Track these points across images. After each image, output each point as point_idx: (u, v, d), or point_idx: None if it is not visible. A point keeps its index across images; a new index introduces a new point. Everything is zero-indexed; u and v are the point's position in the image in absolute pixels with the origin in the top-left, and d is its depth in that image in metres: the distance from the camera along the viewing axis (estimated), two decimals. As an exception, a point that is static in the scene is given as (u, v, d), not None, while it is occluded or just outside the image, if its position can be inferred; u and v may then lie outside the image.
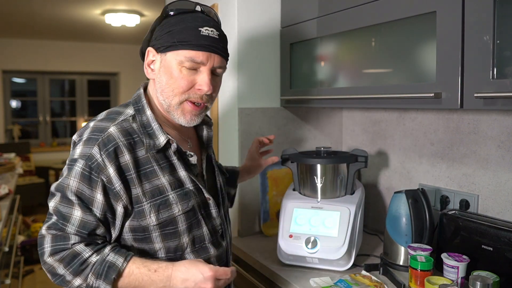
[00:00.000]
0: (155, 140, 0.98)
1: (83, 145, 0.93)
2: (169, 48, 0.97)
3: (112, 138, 0.93)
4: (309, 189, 1.46)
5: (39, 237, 0.93)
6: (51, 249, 0.91)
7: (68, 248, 0.90)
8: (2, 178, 3.22)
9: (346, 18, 1.38)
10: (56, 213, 0.92)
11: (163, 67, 0.99)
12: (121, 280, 0.90)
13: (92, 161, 0.91)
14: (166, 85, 0.98)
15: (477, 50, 0.99)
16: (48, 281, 3.59)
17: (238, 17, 1.67)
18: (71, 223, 0.91)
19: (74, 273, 0.90)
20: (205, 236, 1.05)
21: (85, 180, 0.91)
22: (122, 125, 0.97)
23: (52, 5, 4.29)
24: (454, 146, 1.46)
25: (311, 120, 1.87)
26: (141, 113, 1.01)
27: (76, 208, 0.91)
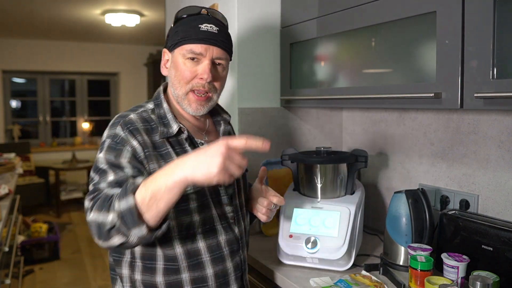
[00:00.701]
0: (168, 128, 1.09)
1: (108, 129, 1.06)
2: (175, 45, 1.10)
3: (132, 121, 1.06)
4: (309, 189, 1.46)
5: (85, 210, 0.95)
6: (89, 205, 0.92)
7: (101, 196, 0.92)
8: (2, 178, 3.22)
9: (346, 18, 1.38)
10: (94, 184, 0.98)
11: (172, 63, 1.13)
12: (138, 192, 0.87)
13: (116, 138, 1.02)
14: (174, 78, 1.11)
15: (477, 50, 0.99)
16: (48, 281, 3.60)
17: (238, 17, 1.67)
18: (105, 182, 0.96)
19: (107, 209, 0.87)
20: (214, 218, 1.11)
21: (112, 150, 1.00)
22: (141, 114, 1.10)
23: (52, 5, 4.29)
24: (454, 146, 1.46)
25: (311, 120, 1.87)
26: (159, 107, 1.13)
27: (109, 174, 0.97)
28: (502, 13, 0.95)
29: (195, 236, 1.07)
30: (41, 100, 6.58)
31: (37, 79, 6.53)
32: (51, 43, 6.34)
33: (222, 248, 1.11)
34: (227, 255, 1.12)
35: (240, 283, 1.16)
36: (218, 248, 1.10)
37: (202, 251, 1.08)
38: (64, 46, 6.43)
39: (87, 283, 3.58)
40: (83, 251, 4.33)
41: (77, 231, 5.02)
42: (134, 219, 0.85)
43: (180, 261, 1.05)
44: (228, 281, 1.12)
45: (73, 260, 4.08)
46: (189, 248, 1.07)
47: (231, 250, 1.13)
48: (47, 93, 6.60)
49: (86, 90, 6.89)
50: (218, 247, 1.10)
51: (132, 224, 0.85)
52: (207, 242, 1.09)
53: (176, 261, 1.05)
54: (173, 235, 1.05)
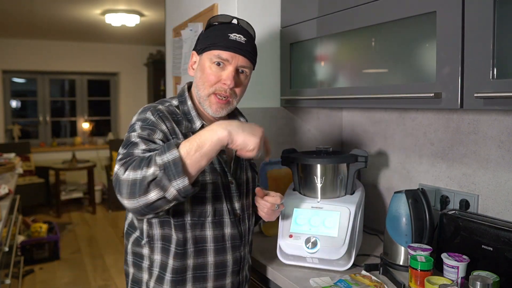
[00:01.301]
0: (192, 124, 1.17)
1: (138, 115, 1.12)
2: (205, 49, 1.17)
3: (160, 110, 1.13)
4: (309, 189, 1.46)
5: (114, 178, 0.97)
6: (123, 167, 0.94)
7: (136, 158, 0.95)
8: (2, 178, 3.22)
9: (346, 18, 1.38)
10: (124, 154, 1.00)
11: (199, 65, 1.19)
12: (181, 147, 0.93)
13: (147, 121, 1.08)
14: (199, 79, 1.18)
15: (477, 50, 0.99)
16: (48, 281, 3.60)
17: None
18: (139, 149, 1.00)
19: (146, 165, 0.91)
20: (223, 211, 1.17)
21: (144, 129, 1.05)
22: (168, 107, 1.17)
23: (52, 5, 4.29)
24: (454, 146, 1.46)
25: (311, 120, 1.87)
26: (183, 104, 1.20)
27: (141, 145, 1.01)
28: (502, 13, 0.95)
29: (205, 224, 1.14)
30: (41, 100, 6.58)
31: (37, 79, 6.52)
32: (51, 43, 6.34)
33: (225, 240, 1.18)
34: (229, 248, 1.19)
35: (236, 278, 1.22)
36: (222, 239, 1.17)
37: (208, 239, 1.15)
38: (64, 46, 6.43)
39: (87, 283, 3.58)
40: (83, 251, 4.33)
41: (77, 231, 5.02)
42: (178, 170, 0.89)
43: (189, 246, 1.12)
44: (225, 272, 1.19)
45: (73, 260, 4.08)
46: (197, 234, 1.13)
47: (233, 245, 1.20)
48: (47, 93, 6.60)
49: (86, 90, 6.89)
50: (222, 238, 1.17)
51: (176, 175, 0.89)
52: (214, 232, 1.16)
53: (186, 245, 1.12)
54: (186, 220, 1.12)
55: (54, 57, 6.37)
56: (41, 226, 4.06)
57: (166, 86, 2.59)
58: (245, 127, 0.99)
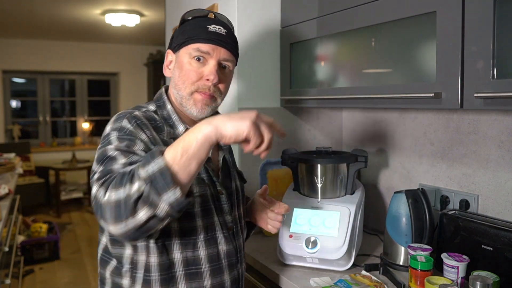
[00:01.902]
0: (174, 130, 1.06)
1: (112, 123, 0.99)
2: (181, 45, 1.07)
3: (138, 117, 1.01)
4: (309, 189, 1.46)
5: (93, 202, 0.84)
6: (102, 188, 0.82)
7: (115, 175, 0.83)
8: (2, 178, 3.22)
9: (346, 18, 1.38)
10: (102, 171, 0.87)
11: (177, 63, 1.08)
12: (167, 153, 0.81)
13: (124, 130, 0.96)
14: (178, 78, 1.07)
15: (477, 50, 0.99)
16: (48, 281, 3.60)
17: (238, 17, 1.67)
18: (118, 164, 0.87)
19: (130, 182, 0.78)
20: (216, 226, 1.06)
21: (122, 140, 0.93)
22: (145, 113, 1.06)
23: (52, 5, 4.29)
24: (454, 146, 1.46)
25: (311, 120, 1.87)
26: (162, 108, 1.10)
27: (120, 158, 0.88)
28: (502, 13, 0.95)
29: (196, 244, 1.02)
30: (41, 100, 6.58)
31: (37, 79, 6.53)
32: (51, 43, 6.35)
33: (221, 259, 1.07)
34: (225, 267, 1.07)
35: None
36: (217, 258, 1.06)
37: (202, 260, 1.03)
38: (64, 46, 6.43)
39: (87, 283, 3.58)
40: (83, 251, 4.33)
41: (77, 231, 5.02)
42: (167, 180, 0.76)
43: (177, 269, 1.00)
44: None
45: (73, 260, 4.08)
46: (189, 255, 1.01)
47: (229, 263, 1.09)
48: (47, 93, 6.60)
49: (86, 90, 6.89)
50: (217, 257, 1.06)
51: (165, 187, 0.76)
52: (208, 251, 1.04)
53: (173, 269, 1.00)
54: (173, 241, 1.00)
55: (54, 57, 6.37)
56: (41, 226, 4.06)
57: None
58: (232, 115, 0.84)
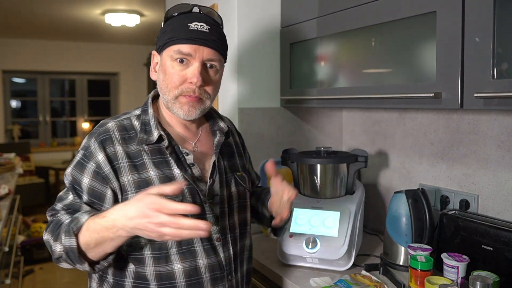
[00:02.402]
0: (149, 136, 1.02)
1: (86, 138, 1.04)
2: (163, 46, 1.02)
3: (107, 131, 1.02)
4: (309, 189, 1.46)
5: None
6: (48, 224, 0.98)
7: (53, 220, 0.97)
8: (2, 178, 3.22)
9: (346, 18, 1.38)
10: (58, 199, 1.01)
11: (161, 66, 1.04)
12: (81, 235, 0.89)
13: (87, 151, 1.01)
14: (162, 82, 1.03)
15: (477, 50, 0.99)
16: (48, 281, 3.60)
17: (238, 17, 1.67)
18: (63, 203, 0.99)
19: (55, 238, 0.93)
20: (193, 239, 0.99)
21: (78, 166, 1.00)
22: (122, 122, 1.05)
23: (52, 5, 4.29)
24: (454, 146, 1.46)
25: (311, 120, 1.87)
26: (145, 113, 1.07)
27: (69, 192, 0.99)
28: (502, 13, 0.95)
29: (169, 258, 0.97)
30: (41, 100, 6.58)
31: (37, 79, 6.53)
32: (51, 43, 6.35)
33: (201, 273, 1.00)
34: (207, 281, 1.00)
35: None
36: (196, 273, 0.99)
37: (176, 275, 0.97)
38: (64, 46, 6.43)
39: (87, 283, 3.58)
40: (83, 251, 4.33)
41: (77, 231, 5.01)
42: (76, 257, 0.90)
43: (151, 282, 0.97)
44: None
45: (73, 260, 4.08)
46: (162, 270, 0.97)
47: (212, 277, 1.01)
48: (47, 93, 6.60)
49: (86, 90, 6.90)
50: (196, 271, 0.99)
51: (75, 261, 0.91)
52: (183, 265, 0.98)
53: (147, 280, 0.97)
54: (145, 254, 0.97)
55: (54, 57, 6.37)
56: (41, 226, 4.07)
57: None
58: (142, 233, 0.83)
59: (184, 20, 1.01)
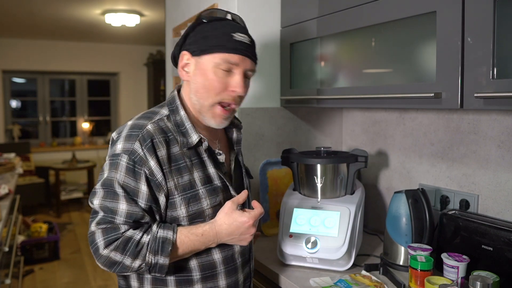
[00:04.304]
0: (188, 138, 1.05)
1: (124, 141, 1.00)
2: (204, 51, 1.04)
3: (150, 134, 1.00)
4: (309, 189, 1.46)
5: (89, 235, 0.97)
6: (105, 241, 0.94)
7: (120, 237, 0.95)
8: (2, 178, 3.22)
9: (346, 18, 1.38)
10: (103, 208, 0.97)
11: (198, 70, 1.06)
12: (174, 251, 0.98)
13: (135, 155, 0.98)
14: (201, 86, 1.05)
15: (477, 50, 0.99)
16: (48, 281, 3.60)
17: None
18: (119, 214, 0.96)
19: (132, 256, 0.94)
20: None
21: (130, 173, 0.98)
22: (158, 124, 1.04)
23: (52, 5, 4.29)
24: (454, 146, 1.46)
25: (311, 120, 1.87)
26: (175, 113, 1.08)
27: (121, 202, 0.96)
28: (502, 13, 0.95)
29: (211, 249, 1.07)
30: (41, 100, 6.57)
31: (37, 79, 6.52)
32: (51, 43, 6.34)
33: (235, 259, 1.12)
34: (240, 266, 1.13)
35: None
36: (232, 260, 1.11)
37: (217, 263, 1.08)
38: (64, 46, 6.43)
39: (87, 283, 3.58)
40: (83, 251, 4.33)
41: (77, 231, 5.01)
42: (163, 271, 0.97)
43: (194, 272, 1.06)
44: None
45: (73, 260, 4.08)
46: (204, 261, 1.06)
47: (243, 261, 1.15)
48: (47, 93, 6.60)
49: (86, 90, 6.89)
50: (232, 258, 1.11)
51: (158, 272, 0.97)
52: (223, 254, 1.09)
53: (190, 272, 1.05)
54: None
55: (54, 57, 6.37)
56: (41, 226, 4.06)
57: (166, 86, 2.59)
58: (232, 229, 1.02)
59: (226, 29, 1.04)
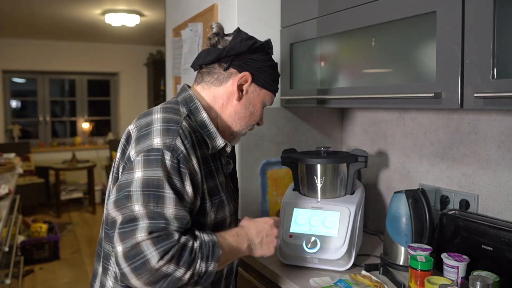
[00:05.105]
0: (213, 142, 1.02)
1: (162, 135, 0.89)
2: (265, 86, 1.10)
3: (188, 130, 0.94)
4: (309, 189, 1.46)
5: (128, 249, 0.80)
6: (159, 251, 0.79)
7: (175, 245, 0.81)
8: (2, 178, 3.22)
9: (346, 18, 1.38)
10: (149, 214, 0.82)
11: (250, 98, 1.09)
12: (222, 256, 0.90)
13: (177, 153, 0.88)
14: (245, 114, 1.09)
15: (477, 50, 0.99)
16: (48, 281, 3.60)
17: (238, 17, 1.67)
18: (170, 220, 0.84)
19: (186, 266, 0.82)
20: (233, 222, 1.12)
21: (175, 172, 0.87)
22: (188, 121, 0.98)
23: (52, 5, 4.29)
24: (454, 146, 1.46)
25: (311, 120, 1.87)
26: (194, 113, 1.03)
27: (169, 205, 0.84)
28: (502, 13, 0.95)
29: None
30: (41, 100, 6.57)
31: (37, 79, 6.52)
32: (51, 43, 6.34)
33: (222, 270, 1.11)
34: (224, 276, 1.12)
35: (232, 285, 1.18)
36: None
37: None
38: (64, 46, 6.43)
39: (87, 283, 3.58)
40: (83, 251, 4.33)
41: (77, 231, 5.01)
42: (209, 278, 0.87)
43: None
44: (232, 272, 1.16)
45: (73, 260, 4.08)
46: None
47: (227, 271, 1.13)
48: (47, 93, 6.59)
49: (86, 90, 6.89)
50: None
51: (206, 281, 0.87)
52: None
53: None
54: None
55: (54, 57, 6.37)
56: (41, 226, 4.06)
57: (166, 86, 2.59)
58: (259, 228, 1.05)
59: (276, 69, 1.14)
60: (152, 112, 0.98)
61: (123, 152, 0.95)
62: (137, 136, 0.92)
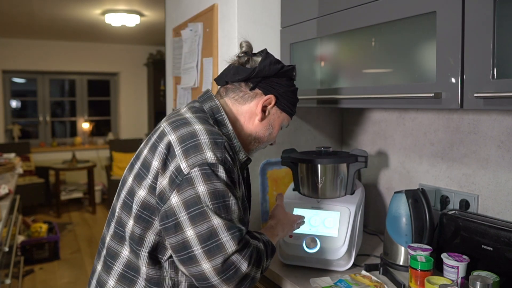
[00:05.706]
0: (238, 155, 1.07)
1: (213, 149, 0.92)
2: (286, 110, 1.14)
3: (228, 144, 0.97)
4: (309, 189, 1.46)
5: (221, 264, 0.86)
6: (245, 258, 0.89)
7: (252, 248, 0.93)
8: (2, 178, 3.22)
9: (346, 18, 1.38)
10: (228, 225, 0.88)
11: (273, 120, 1.13)
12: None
13: (227, 165, 0.94)
14: (266, 135, 1.14)
15: (477, 50, 0.99)
16: (48, 281, 3.60)
17: (238, 17, 1.67)
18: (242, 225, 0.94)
19: (258, 265, 0.94)
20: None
21: (230, 182, 0.94)
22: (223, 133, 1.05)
23: (52, 5, 4.29)
24: (454, 146, 1.46)
25: (311, 120, 1.87)
26: (221, 125, 1.06)
27: (235, 211, 0.92)
28: (502, 13, 0.95)
29: None
30: (41, 100, 6.57)
31: (37, 79, 6.52)
32: (51, 43, 6.34)
33: None
34: None
35: None
36: None
37: None
38: (64, 46, 6.43)
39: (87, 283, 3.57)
40: (83, 251, 4.33)
41: (77, 231, 5.02)
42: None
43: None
44: None
45: (73, 260, 4.08)
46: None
47: None
48: (47, 93, 6.60)
49: (86, 90, 6.89)
50: None
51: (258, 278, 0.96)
52: None
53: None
54: None
55: (54, 57, 6.37)
56: (41, 226, 4.06)
57: (166, 86, 2.59)
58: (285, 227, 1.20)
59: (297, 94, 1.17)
60: (189, 122, 0.98)
61: (164, 162, 0.93)
62: (183, 148, 0.92)
